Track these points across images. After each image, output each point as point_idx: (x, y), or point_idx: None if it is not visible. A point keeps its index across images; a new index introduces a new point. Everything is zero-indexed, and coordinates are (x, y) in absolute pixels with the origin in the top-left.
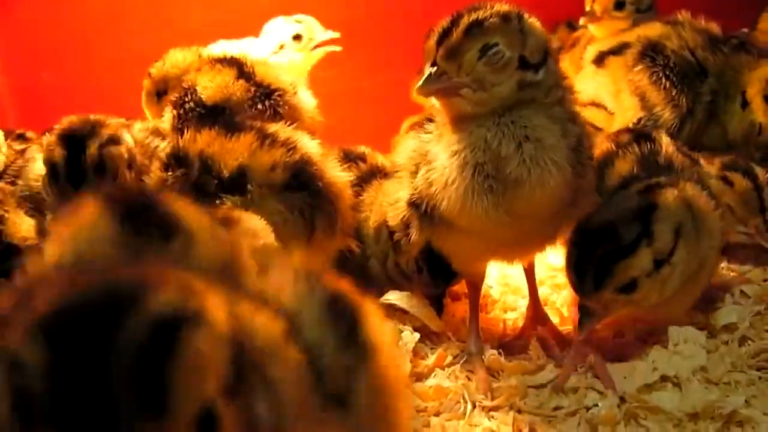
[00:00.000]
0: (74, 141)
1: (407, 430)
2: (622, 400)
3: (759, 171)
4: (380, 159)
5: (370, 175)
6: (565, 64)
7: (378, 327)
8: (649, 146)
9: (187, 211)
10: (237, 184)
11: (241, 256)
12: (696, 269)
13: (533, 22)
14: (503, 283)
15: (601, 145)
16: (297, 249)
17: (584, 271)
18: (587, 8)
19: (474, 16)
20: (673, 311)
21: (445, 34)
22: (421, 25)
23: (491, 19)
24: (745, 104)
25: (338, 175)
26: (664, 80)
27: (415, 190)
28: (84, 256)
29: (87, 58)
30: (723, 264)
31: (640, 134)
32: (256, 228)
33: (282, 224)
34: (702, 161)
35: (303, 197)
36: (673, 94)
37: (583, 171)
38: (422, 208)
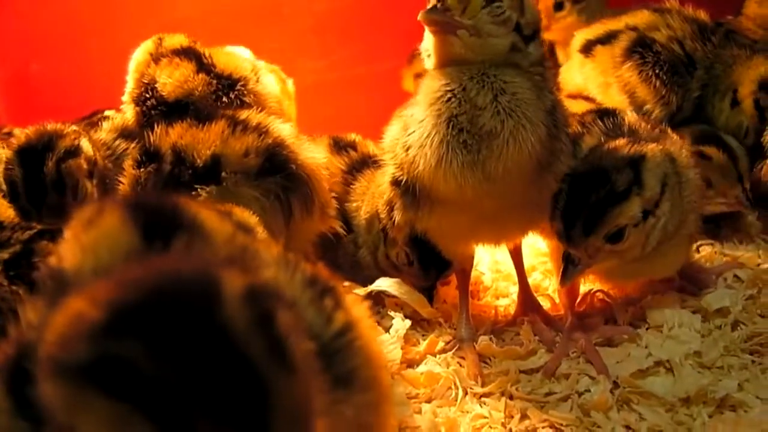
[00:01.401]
0: (31, 158)
1: (390, 401)
2: (615, 384)
3: (731, 140)
4: (371, 147)
5: (361, 164)
6: None
7: (354, 305)
8: (612, 120)
9: (209, 218)
10: (212, 173)
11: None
12: (676, 227)
13: (532, 1)
14: (495, 270)
15: None
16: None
17: (575, 217)
18: None
19: None
20: (655, 272)
21: None
22: (412, 15)
23: None
24: (735, 103)
25: (312, 156)
26: (653, 78)
27: (396, 164)
28: (105, 266)
29: (77, 50)
30: (717, 249)
31: (602, 111)
32: (248, 222)
33: (260, 212)
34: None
35: (278, 181)
36: (663, 92)
37: (557, 134)
38: (404, 184)
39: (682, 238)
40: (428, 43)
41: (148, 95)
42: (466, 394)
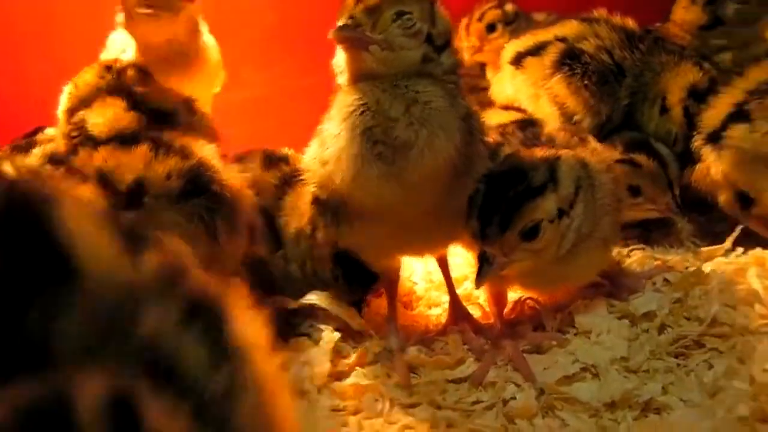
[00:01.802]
0: None
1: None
2: (541, 391)
3: (661, 147)
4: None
5: (291, 178)
6: None
7: (247, 326)
8: (531, 130)
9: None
10: (135, 197)
11: None
12: (590, 229)
13: (443, 10)
14: (428, 280)
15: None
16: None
17: (491, 213)
18: (464, 44)
19: None
20: (571, 276)
21: None
22: None
23: None
24: (664, 111)
25: (235, 176)
26: (582, 90)
27: (315, 181)
28: None
29: (18, 67)
30: (647, 253)
31: (523, 122)
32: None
33: (183, 235)
34: (592, 141)
35: (201, 203)
36: (592, 102)
37: (472, 140)
38: (323, 202)
39: (596, 242)
40: (340, 59)
41: (77, 135)
42: (394, 405)
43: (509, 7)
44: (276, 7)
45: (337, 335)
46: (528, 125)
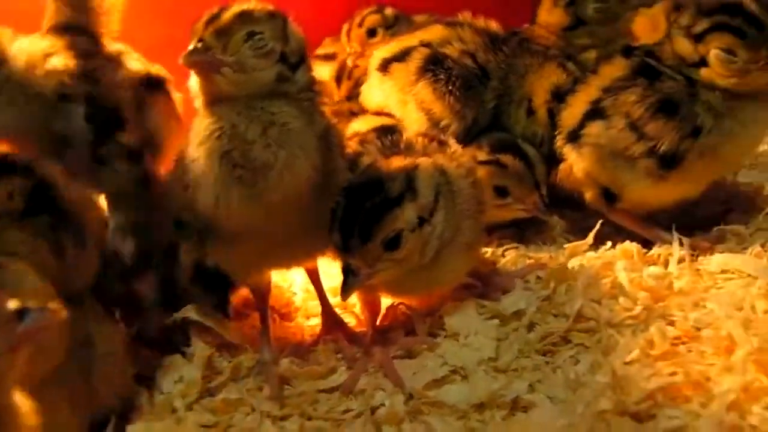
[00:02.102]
0: None
1: None
2: (411, 397)
3: (528, 148)
4: None
5: None
6: None
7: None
8: (390, 137)
9: None
10: None
11: None
12: (453, 234)
13: (296, 27)
14: (306, 290)
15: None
16: None
17: (352, 225)
18: (347, 49)
19: (245, 6)
20: (437, 282)
21: (215, 16)
22: None
23: (260, 12)
24: (530, 113)
25: (80, 193)
26: (447, 95)
27: (177, 203)
28: None
29: None
30: (521, 252)
31: (381, 129)
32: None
33: (29, 255)
34: (453, 145)
35: (45, 220)
36: (458, 107)
37: (332, 156)
38: (187, 224)
39: (459, 246)
40: (193, 83)
41: None
42: (265, 418)
43: (389, 11)
44: (141, 27)
45: (209, 349)
46: (387, 132)
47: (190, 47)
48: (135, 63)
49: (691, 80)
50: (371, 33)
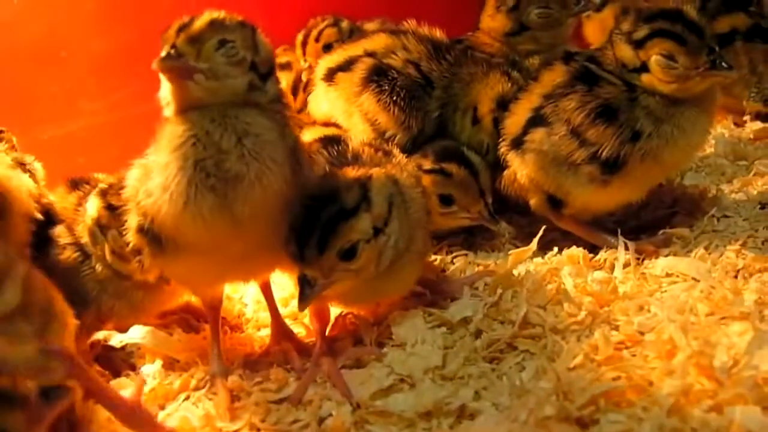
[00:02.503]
0: None
1: None
2: (358, 406)
3: (473, 156)
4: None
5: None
6: None
7: None
8: (336, 147)
9: None
10: None
11: None
12: (407, 244)
13: (264, 38)
14: (257, 301)
15: None
16: None
17: (308, 236)
18: (303, 63)
19: (216, 15)
20: (390, 291)
21: (187, 24)
22: None
23: (231, 21)
24: (475, 121)
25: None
26: (392, 106)
27: (140, 211)
28: None
29: None
30: (470, 258)
31: (327, 139)
32: None
33: None
34: (398, 155)
35: None
36: (403, 118)
37: (299, 170)
38: (149, 231)
39: (412, 255)
40: (165, 90)
41: None
42: (218, 430)
43: (345, 24)
44: (109, 35)
45: (158, 367)
46: (333, 142)
47: (163, 53)
48: None
49: (631, 85)
50: (328, 48)
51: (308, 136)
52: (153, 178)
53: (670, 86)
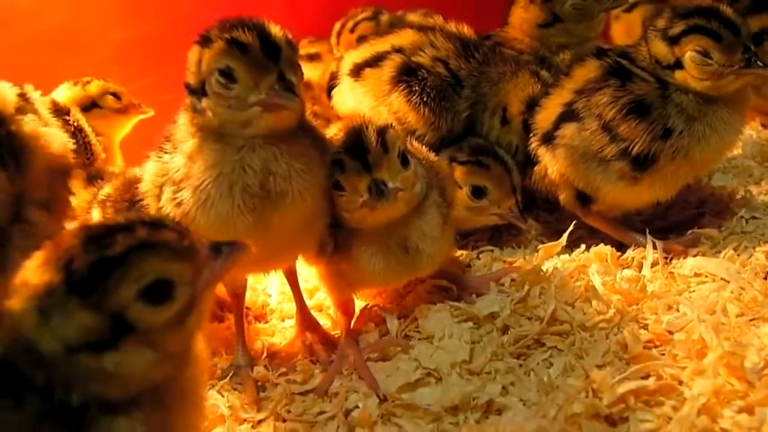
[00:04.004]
0: None
1: None
2: (384, 399)
3: (504, 154)
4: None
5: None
6: None
7: None
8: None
9: None
10: None
11: None
12: (428, 193)
13: None
14: (281, 291)
15: None
16: None
17: (367, 145)
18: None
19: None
20: (417, 266)
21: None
22: None
23: None
24: (504, 122)
25: (36, 129)
26: (422, 107)
27: (161, 211)
28: None
29: None
30: (496, 254)
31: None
32: None
33: None
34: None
35: None
36: (432, 119)
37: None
38: None
39: (434, 213)
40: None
41: None
42: (241, 421)
43: (385, 17)
44: (132, 23)
45: None
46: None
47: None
48: None
49: (664, 82)
50: (362, 41)
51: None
52: (184, 189)
53: (704, 83)
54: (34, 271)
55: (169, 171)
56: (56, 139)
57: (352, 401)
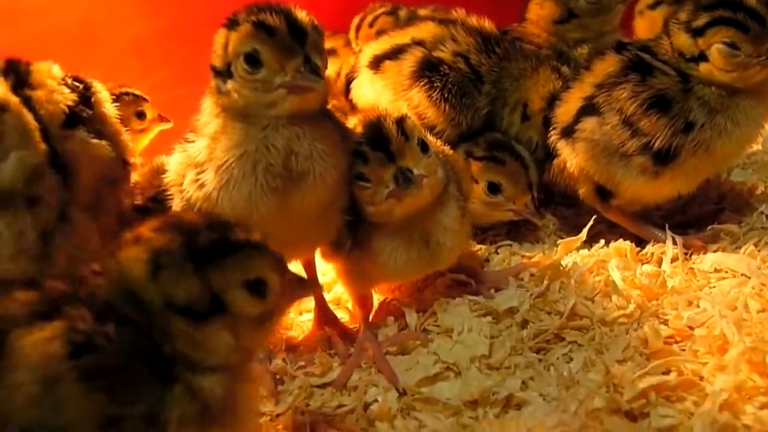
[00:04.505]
0: None
1: None
2: (403, 393)
3: (522, 150)
4: None
5: None
6: None
7: None
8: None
9: None
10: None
11: None
12: (447, 184)
13: None
14: None
15: None
16: None
17: (389, 135)
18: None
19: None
20: (436, 259)
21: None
22: None
23: None
24: (525, 118)
25: (84, 143)
26: (442, 103)
27: (184, 198)
28: None
29: None
30: (514, 249)
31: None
32: None
33: None
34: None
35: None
36: (453, 115)
37: (348, 159)
38: None
39: (453, 206)
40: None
41: None
42: (261, 415)
43: (403, 12)
44: (148, 17)
45: None
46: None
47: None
48: None
49: (686, 76)
50: (380, 35)
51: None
52: (207, 170)
53: (730, 75)
54: (152, 230)
55: (192, 155)
56: (105, 151)
57: (371, 395)
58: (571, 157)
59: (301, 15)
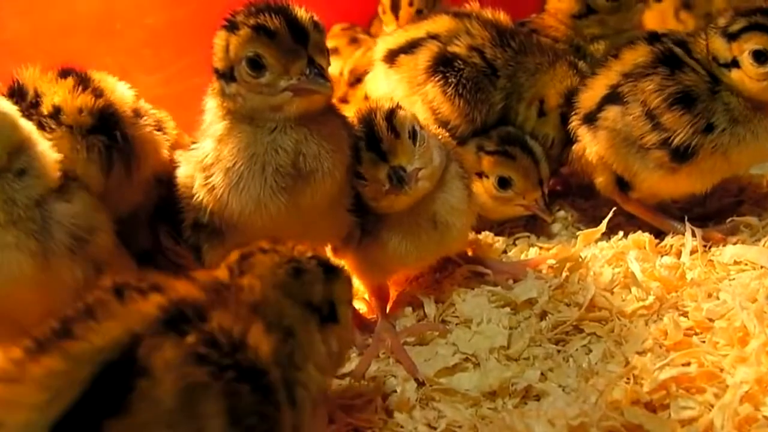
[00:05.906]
0: None
1: None
2: (422, 383)
3: (535, 145)
4: None
5: None
6: None
7: None
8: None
9: None
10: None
11: None
12: (447, 165)
13: None
14: None
15: None
16: None
17: (379, 134)
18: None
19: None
20: (445, 243)
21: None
22: None
23: None
24: (541, 114)
25: (150, 132)
26: (457, 99)
27: (195, 204)
28: None
29: None
30: (532, 240)
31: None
32: None
33: (80, 162)
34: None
35: (104, 140)
36: (468, 111)
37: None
38: (207, 225)
39: (457, 186)
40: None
41: None
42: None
43: None
44: (165, 7)
45: None
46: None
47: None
48: None
49: (715, 78)
50: (419, 13)
51: None
52: (215, 173)
53: (760, 84)
54: (274, 246)
55: (199, 158)
56: (165, 146)
57: (390, 385)
58: (591, 145)
59: (301, 13)
